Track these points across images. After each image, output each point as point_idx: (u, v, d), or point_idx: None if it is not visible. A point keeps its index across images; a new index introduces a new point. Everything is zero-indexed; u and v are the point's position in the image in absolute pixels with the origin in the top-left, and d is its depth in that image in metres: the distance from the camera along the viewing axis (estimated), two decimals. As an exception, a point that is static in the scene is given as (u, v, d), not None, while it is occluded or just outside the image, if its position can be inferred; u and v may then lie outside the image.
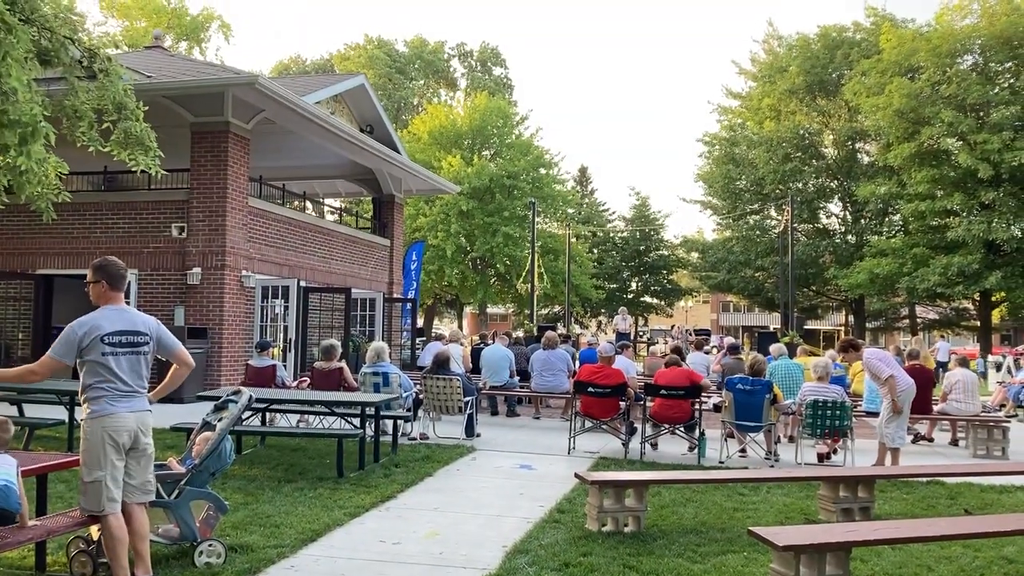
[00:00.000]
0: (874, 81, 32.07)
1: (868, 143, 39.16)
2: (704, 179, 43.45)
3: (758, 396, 9.80)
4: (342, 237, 20.36)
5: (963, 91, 28.99)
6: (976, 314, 37.21)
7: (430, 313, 45.68)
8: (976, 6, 30.79)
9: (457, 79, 57.75)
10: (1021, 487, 8.44)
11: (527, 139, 40.31)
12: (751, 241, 41.53)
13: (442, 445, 10.32)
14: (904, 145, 30.43)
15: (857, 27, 38.76)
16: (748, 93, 42.89)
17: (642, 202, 54.74)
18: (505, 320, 61.96)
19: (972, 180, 28.80)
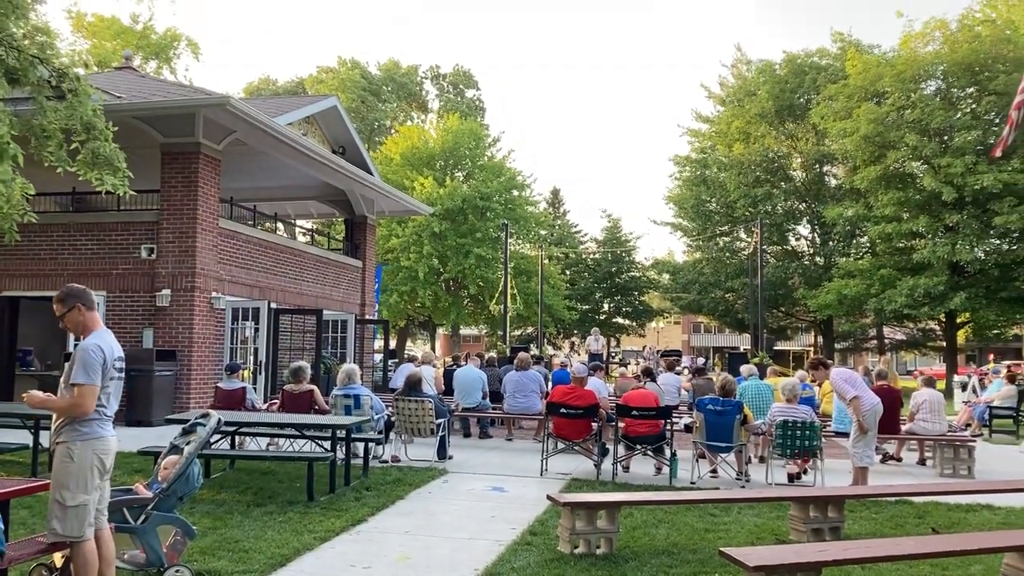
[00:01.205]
0: (841, 106, 32.59)
1: (835, 166, 39.73)
2: (674, 201, 43.80)
3: (729, 416, 9.86)
4: (313, 258, 20.27)
5: (927, 116, 29.53)
6: (942, 335, 37.69)
7: (403, 334, 45.53)
8: (938, 33, 31.43)
9: (430, 101, 57.95)
10: (987, 506, 8.54)
11: (499, 161, 40.44)
12: (721, 263, 41.89)
13: (414, 468, 10.27)
14: (870, 168, 30.90)
15: (824, 53, 39.43)
16: (717, 117, 43.39)
17: (613, 224, 55.09)
18: (478, 341, 61.88)
19: (936, 203, 29.28)
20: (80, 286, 4.84)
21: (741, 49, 43.60)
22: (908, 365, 63.53)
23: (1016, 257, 28.82)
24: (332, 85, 51.21)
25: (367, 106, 52.70)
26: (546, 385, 14.14)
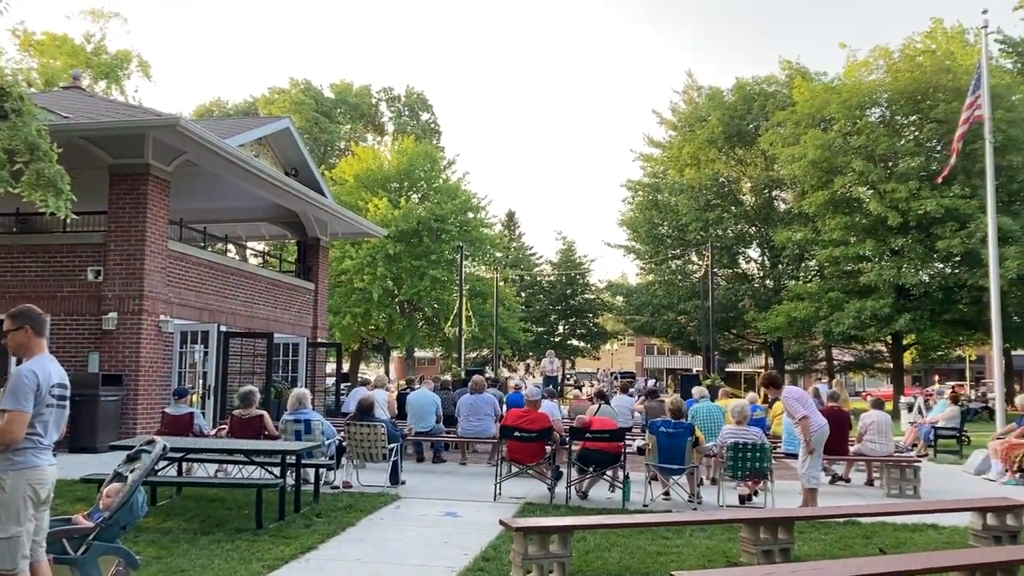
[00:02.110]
0: (789, 132, 33.26)
1: (784, 191, 40.45)
2: (628, 224, 44.23)
3: (680, 439, 9.93)
4: (265, 281, 20.05)
5: (872, 142, 30.27)
6: (889, 356, 38.44)
7: (356, 357, 45.12)
8: (882, 62, 32.31)
9: (384, 123, 57.91)
10: (932, 525, 8.70)
11: (455, 183, 40.49)
12: (673, 285, 42.32)
13: (365, 493, 10.15)
14: (818, 193, 31.53)
15: (772, 80, 40.28)
16: (669, 142, 44.00)
17: (568, 246, 55.42)
18: (433, 364, 61.58)
19: (882, 227, 29.95)
20: (37, 310, 4.72)
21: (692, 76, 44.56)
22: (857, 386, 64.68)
23: (958, 281, 29.54)
24: (284, 106, 50.93)
25: (320, 127, 52.48)
26: (501, 408, 14.10)
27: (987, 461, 13.97)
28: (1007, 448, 13.36)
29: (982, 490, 11.79)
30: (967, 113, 16.94)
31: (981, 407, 30.67)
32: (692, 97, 43.58)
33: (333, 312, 33.77)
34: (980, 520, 7.69)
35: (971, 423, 22.25)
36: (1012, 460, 13.17)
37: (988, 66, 17.35)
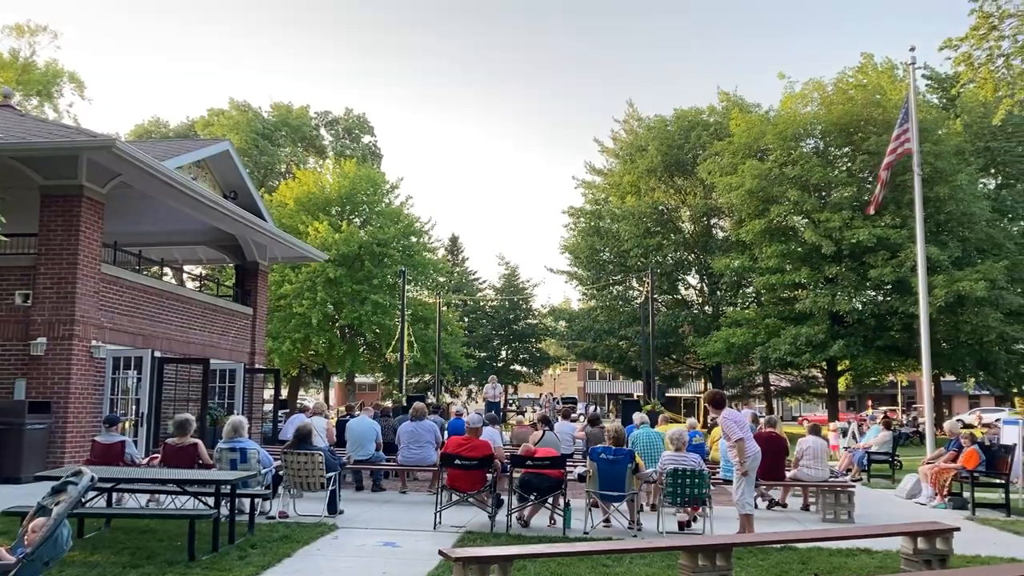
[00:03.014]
0: (727, 161, 33.98)
1: (722, 219, 41.27)
2: (570, 250, 44.58)
3: (621, 465, 9.97)
4: (202, 305, 19.67)
5: (806, 172, 31.09)
6: (824, 381, 39.25)
7: (295, 384, 44.42)
8: (816, 95, 33.28)
9: (325, 146, 57.54)
10: (865, 550, 8.85)
11: (397, 207, 40.36)
12: (615, 311, 42.70)
13: (302, 523, 9.96)
14: (755, 222, 32.22)
15: (711, 110, 41.15)
16: (610, 170, 44.58)
17: (511, 271, 55.57)
18: (374, 390, 60.97)
19: (817, 255, 30.71)
20: None
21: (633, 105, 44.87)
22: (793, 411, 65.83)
23: (890, 308, 30.37)
24: (225, 127, 50.31)
25: (260, 149, 51.94)
26: (442, 435, 13.99)
27: (918, 485, 14.30)
28: (936, 473, 13.70)
29: (913, 514, 12.05)
30: (895, 145, 17.45)
31: (912, 432, 31.46)
32: (633, 127, 44.26)
33: (272, 337, 33.26)
34: (911, 544, 7.84)
35: (903, 448, 22.81)
36: (941, 484, 13.51)
37: (916, 100, 17.94)
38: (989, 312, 28.79)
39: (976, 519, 11.92)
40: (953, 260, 29.11)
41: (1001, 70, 15.48)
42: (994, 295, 28.41)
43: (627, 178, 41.45)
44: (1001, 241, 32.23)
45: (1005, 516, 12.19)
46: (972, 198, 30.70)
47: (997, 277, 28.61)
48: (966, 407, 57.98)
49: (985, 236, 31.42)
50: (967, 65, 15.72)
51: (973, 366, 33.98)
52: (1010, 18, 14.91)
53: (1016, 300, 29.94)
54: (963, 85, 18.71)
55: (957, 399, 60.77)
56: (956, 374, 38.01)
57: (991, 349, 31.49)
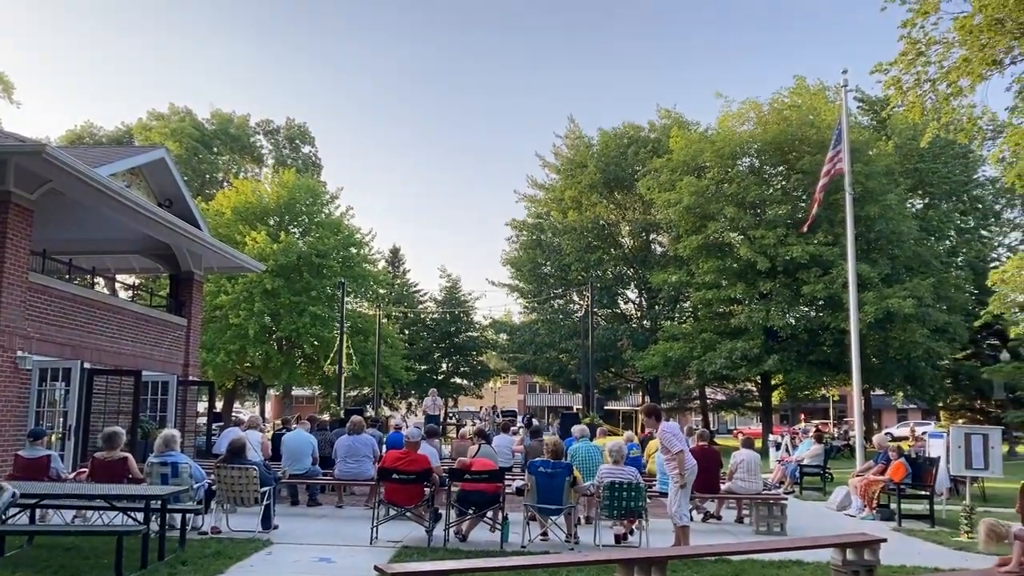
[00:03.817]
0: (666, 178, 34.50)
1: (661, 234, 41.87)
2: (512, 263, 44.73)
3: (559, 479, 10.00)
4: (134, 315, 19.20)
5: (743, 190, 31.74)
6: (758, 395, 39.98)
7: (230, 396, 43.56)
8: (752, 114, 34.03)
9: (264, 155, 56.81)
10: (797, 561, 9.02)
11: (337, 218, 39.98)
12: (555, 324, 42.96)
13: (235, 539, 9.77)
14: (692, 237, 32.75)
15: (651, 127, 41.77)
16: (552, 185, 44.89)
17: (453, 284, 55.40)
18: (312, 403, 60.12)
19: (752, 271, 31.33)
20: None
21: (574, 121, 45.34)
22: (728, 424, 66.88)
23: (822, 323, 31.10)
24: (163, 134, 49.34)
25: (199, 157, 51.02)
26: (380, 449, 13.87)
27: (848, 497, 14.65)
28: (866, 485, 14.05)
29: (843, 526, 12.34)
30: (828, 166, 17.93)
31: (843, 445, 32.22)
32: (574, 142, 44.68)
33: (206, 349, 32.60)
34: (841, 556, 8.01)
35: (834, 460, 23.33)
36: (870, 496, 13.86)
37: (848, 122, 18.46)
38: (916, 328, 29.70)
39: (902, 530, 12.25)
40: (883, 277, 29.97)
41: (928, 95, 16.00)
42: (921, 312, 29.33)
43: (568, 193, 41.81)
44: (928, 259, 33.34)
45: (930, 527, 12.56)
46: (901, 217, 31.71)
47: (924, 294, 29.56)
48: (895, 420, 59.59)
49: (913, 254, 32.46)
50: (896, 89, 16.21)
51: (901, 380, 35.00)
52: (936, 44, 15.43)
53: (942, 317, 30.96)
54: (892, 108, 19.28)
55: (886, 413, 62.43)
56: (885, 388, 39.14)
57: (918, 364, 32.49)
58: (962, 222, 39.98)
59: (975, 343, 36.63)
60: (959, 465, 12.39)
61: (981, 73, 14.77)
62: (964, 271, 37.09)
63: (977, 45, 14.33)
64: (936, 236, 37.26)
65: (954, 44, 15.10)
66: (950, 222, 38.57)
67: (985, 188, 40.34)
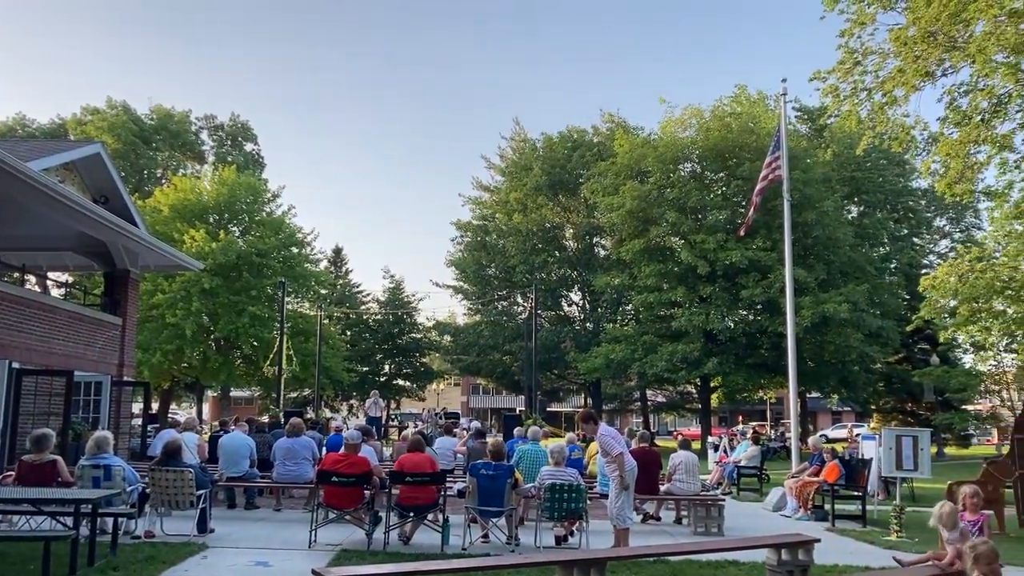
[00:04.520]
0: (609, 182, 34.80)
1: (604, 238, 42.22)
2: (456, 265, 44.66)
3: (500, 481, 10.01)
4: (66, 314, 18.66)
5: (684, 195, 32.17)
6: (698, 397, 40.54)
7: (167, 397, 42.64)
8: (694, 121, 34.53)
9: (205, 152, 55.76)
10: (733, 562, 9.17)
11: (279, 217, 39.46)
12: (499, 326, 43.00)
13: (169, 543, 9.56)
14: (635, 241, 33.09)
15: (595, 131, 42.10)
16: (497, 187, 44.95)
17: (396, 285, 55.07)
18: (251, 404, 59.18)
19: (692, 275, 31.78)
20: None
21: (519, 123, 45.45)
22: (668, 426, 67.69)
23: (760, 327, 31.68)
24: (99, 128, 48.08)
25: (137, 153, 49.86)
26: (320, 451, 13.71)
27: (783, 498, 14.93)
28: (801, 486, 14.34)
29: (779, 526, 12.57)
30: (767, 171, 18.26)
31: (780, 446, 32.84)
32: (520, 145, 44.79)
33: (142, 349, 31.86)
34: (776, 556, 8.15)
35: (770, 462, 23.76)
36: (805, 497, 14.15)
37: (787, 130, 18.84)
38: (851, 333, 30.44)
39: (835, 530, 12.53)
40: (819, 282, 30.66)
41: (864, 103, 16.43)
42: (856, 316, 30.07)
43: (514, 195, 41.91)
44: (863, 265, 34.21)
45: (862, 527, 12.86)
46: (837, 224, 32.48)
47: (859, 299, 30.32)
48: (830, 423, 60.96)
49: (848, 260, 33.26)
50: (834, 97, 16.61)
51: (836, 383, 35.87)
52: (872, 55, 15.86)
53: (875, 322, 31.78)
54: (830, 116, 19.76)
55: (821, 415, 63.84)
56: (821, 391, 40.03)
57: (852, 367, 33.31)
58: (896, 229, 41.16)
59: (907, 347, 37.69)
60: (890, 466, 12.72)
61: (915, 84, 15.21)
62: (897, 277, 38.18)
63: (911, 56, 14.75)
64: (871, 243, 38.24)
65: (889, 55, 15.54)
66: (884, 229, 39.64)
67: (918, 197, 41.59)
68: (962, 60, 14.32)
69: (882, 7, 15.54)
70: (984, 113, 14.63)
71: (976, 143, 14.91)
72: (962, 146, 14.96)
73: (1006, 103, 14.47)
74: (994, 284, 15.82)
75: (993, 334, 24.07)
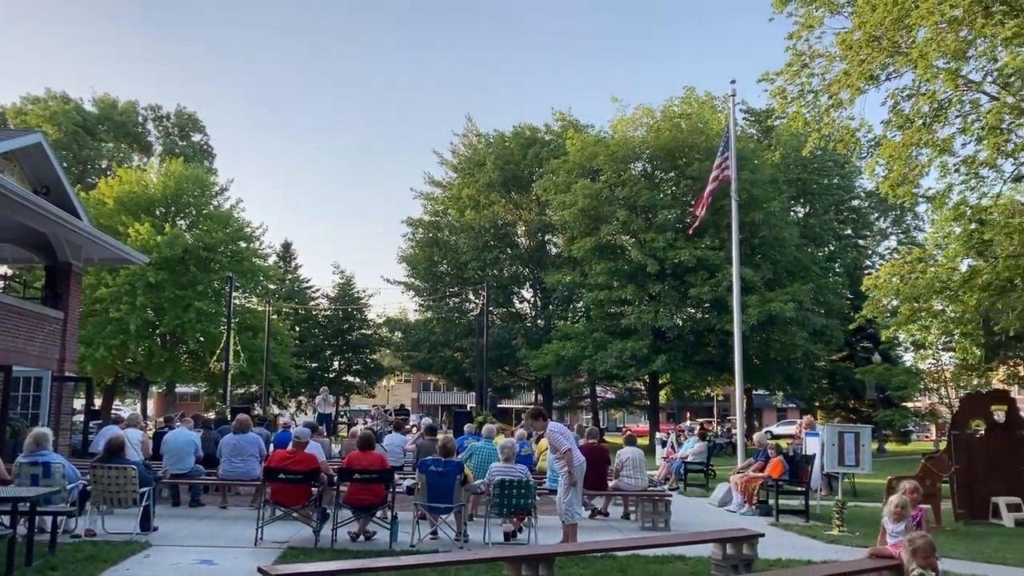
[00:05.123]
0: (561, 180, 34.95)
1: (556, 235, 42.38)
2: (408, 261, 44.44)
3: (450, 477, 10.00)
4: (5, 308, 18.16)
5: (635, 194, 32.45)
6: (647, 394, 40.95)
7: (110, 393, 41.75)
8: (646, 120, 34.83)
9: (152, 143, 54.68)
10: (679, 556, 9.28)
11: (227, 210, 38.87)
12: (451, 323, 42.92)
13: (111, 542, 9.37)
14: (586, 239, 33.29)
15: (548, 129, 42.22)
16: (450, 183, 44.83)
17: (347, 280, 54.62)
18: (197, 400, 58.25)
19: (642, 274, 32.08)
20: None
21: (472, 120, 45.27)
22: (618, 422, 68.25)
23: (708, 325, 32.10)
24: (40, 117, 46.87)
25: (80, 143, 48.69)
26: (267, 448, 13.55)
27: (729, 494, 15.15)
28: (746, 482, 14.57)
29: (724, 521, 12.76)
30: (717, 172, 18.52)
31: (726, 442, 33.31)
32: (472, 141, 44.71)
33: (85, 344, 31.15)
34: (721, 550, 8.28)
35: (717, 458, 24.09)
36: (750, 493, 14.38)
37: (735, 131, 19.11)
38: (796, 331, 31.01)
39: (779, 525, 12.76)
40: (765, 282, 31.17)
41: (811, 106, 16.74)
42: (801, 315, 30.64)
43: (466, 191, 41.85)
44: (808, 265, 34.88)
45: (804, 522, 13.11)
46: (783, 224, 33.06)
47: (804, 299, 30.90)
48: (775, 419, 62.05)
49: (794, 260, 33.88)
50: (781, 99, 16.90)
51: (781, 381, 36.51)
52: (819, 57, 16.17)
53: (820, 320, 32.42)
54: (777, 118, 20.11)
55: (767, 412, 64.94)
56: (766, 388, 40.72)
57: (797, 365, 33.95)
58: (840, 230, 42.03)
59: (850, 345, 38.49)
60: (832, 462, 12.99)
61: (860, 87, 15.54)
62: (841, 277, 38.99)
63: (856, 60, 15.06)
64: (816, 243, 38.99)
65: (836, 58, 15.85)
66: (829, 230, 40.46)
67: (862, 199, 42.53)
68: (905, 65, 14.67)
69: (829, 11, 15.86)
70: (926, 117, 15.00)
71: (918, 146, 15.28)
72: (905, 149, 15.32)
73: (947, 108, 14.85)
74: (933, 284, 16.22)
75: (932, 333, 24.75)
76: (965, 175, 15.20)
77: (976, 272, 15.61)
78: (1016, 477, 13.96)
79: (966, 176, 15.21)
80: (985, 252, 15.31)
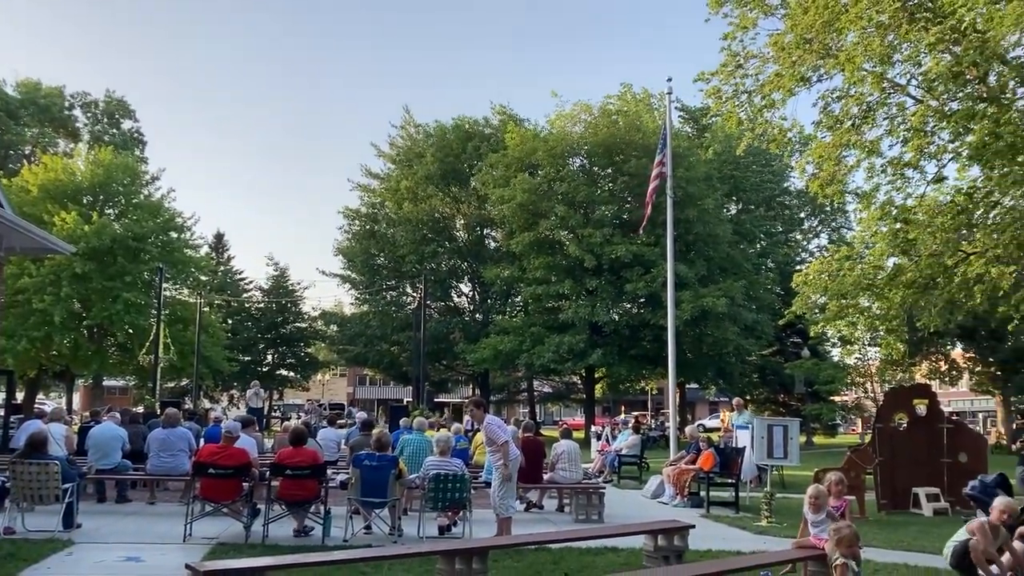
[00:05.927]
0: (500, 174, 34.95)
1: (494, 230, 42.36)
2: (344, 253, 43.94)
3: (384, 472, 9.94)
4: (-80, 298, 17.47)
5: (573, 190, 32.65)
6: (583, 388, 41.28)
7: (33, 386, 40.41)
8: (584, 116, 35.04)
9: (80, 129, 53.01)
10: (612, 548, 9.39)
11: (157, 200, 37.93)
12: (388, 316, 42.58)
13: (31, 540, 9.09)
14: (524, 234, 33.37)
15: (487, 123, 42.16)
16: (387, 175, 44.42)
17: (281, 272, 53.83)
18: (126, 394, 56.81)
19: (580, 269, 32.30)
20: None
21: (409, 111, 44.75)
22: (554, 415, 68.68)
23: (643, 320, 32.47)
24: (-42, 100, 45.12)
25: (2, 127, 46.97)
26: (197, 443, 13.30)
27: (662, 486, 15.38)
28: (678, 474, 14.81)
29: (656, 513, 12.95)
30: (657, 169, 18.75)
31: (660, 435, 33.80)
32: (411, 132, 44.35)
33: (6, 335, 30.10)
34: (652, 542, 8.41)
35: (650, 450, 24.42)
36: (682, 485, 14.62)
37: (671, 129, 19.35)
38: (728, 326, 31.61)
39: (710, 516, 13.01)
40: (699, 277, 31.67)
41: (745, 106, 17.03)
42: (733, 311, 31.23)
43: (404, 183, 41.51)
44: (740, 261, 35.55)
45: (734, 513, 13.39)
46: (717, 221, 33.63)
47: (736, 294, 31.51)
48: (707, 412, 63.14)
49: (727, 256, 34.49)
50: (716, 98, 17.17)
51: (714, 375, 37.19)
52: (753, 58, 16.47)
53: (751, 316, 33.09)
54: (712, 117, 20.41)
55: (700, 405, 66.06)
56: (699, 382, 41.38)
57: (729, 360, 34.59)
58: (771, 228, 42.91)
59: (780, 341, 39.38)
60: (762, 455, 13.28)
61: (791, 88, 15.88)
62: (772, 273, 39.83)
63: (789, 62, 15.38)
64: (748, 240, 39.75)
65: (769, 59, 16.17)
66: (761, 227, 41.28)
67: (792, 197, 43.48)
68: (835, 67, 15.02)
69: (763, 12, 16.16)
70: (855, 119, 15.39)
71: (847, 147, 15.69)
72: (834, 149, 15.71)
73: (875, 110, 15.26)
74: (860, 282, 16.66)
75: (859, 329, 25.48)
76: (891, 176, 15.64)
77: (901, 270, 16.08)
78: (936, 469, 14.47)
79: (892, 177, 15.65)
80: (909, 251, 15.77)
